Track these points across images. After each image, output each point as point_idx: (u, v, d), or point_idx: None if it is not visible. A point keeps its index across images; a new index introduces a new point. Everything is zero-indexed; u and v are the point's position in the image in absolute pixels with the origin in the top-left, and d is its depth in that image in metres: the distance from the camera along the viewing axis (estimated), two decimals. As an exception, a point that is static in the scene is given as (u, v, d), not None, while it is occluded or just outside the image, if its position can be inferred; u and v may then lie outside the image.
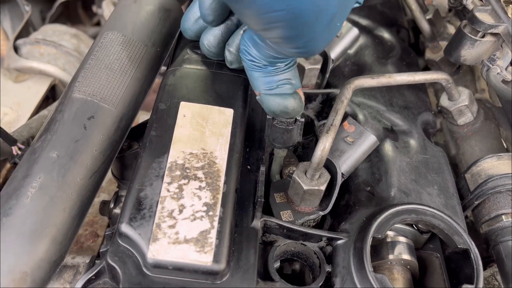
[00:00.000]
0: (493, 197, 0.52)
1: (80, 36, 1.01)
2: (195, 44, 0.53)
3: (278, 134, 0.45)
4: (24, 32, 1.03)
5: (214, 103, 0.48)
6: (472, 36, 0.55)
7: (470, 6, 0.58)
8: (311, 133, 0.62)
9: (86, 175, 0.44)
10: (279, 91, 0.43)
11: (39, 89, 0.91)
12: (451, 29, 0.75)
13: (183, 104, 0.47)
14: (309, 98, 0.63)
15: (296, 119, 0.45)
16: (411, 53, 0.70)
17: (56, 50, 0.95)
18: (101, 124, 0.46)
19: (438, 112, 0.65)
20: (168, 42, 0.55)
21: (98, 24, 1.44)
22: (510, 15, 0.54)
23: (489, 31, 0.55)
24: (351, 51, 0.69)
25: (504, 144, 0.60)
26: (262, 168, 0.48)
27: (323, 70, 0.65)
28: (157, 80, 0.54)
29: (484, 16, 0.55)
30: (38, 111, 0.92)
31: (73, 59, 0.96)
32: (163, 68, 0.56)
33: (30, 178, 0.41)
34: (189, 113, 0.47)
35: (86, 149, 0.44)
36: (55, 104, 0.72)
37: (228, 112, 0.48)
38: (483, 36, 0.56)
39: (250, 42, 0.41)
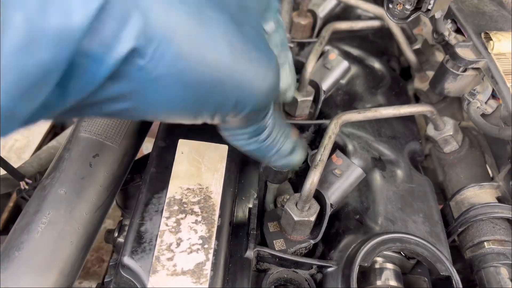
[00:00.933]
0: (476, 224, 0.54)
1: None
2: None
3: (272, 172, 0.48)
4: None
5: (210, 140, 0.52)
6: (454, 71, 0.59)
7: (453, 42, 0.62)
8: (304, 162, 0.65)
9: (91, 210, 0.47)
10: (284, 155, 0.45)
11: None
12: (440, 57, 0.78)
13: (181, 142, 0.51)
14: (302, 128, 0.66)
15: None
16: (400, 82, 0.73)
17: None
18: (105, 161, 0.50)
19: (426, 140, 0.68)
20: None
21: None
22: (490, 51, 0.58)
23: (470, 66, 0.58)
24: (343, 81, 0.73)
25: (489, 170, 0.63)
26: (255, 201, 0.51)
27: (316, 100, 0.69)
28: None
29: (465, 52, 0.59)
30: (47, 137, 0.96)
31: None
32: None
33: (40, 214, 0.45)
34: (186, 150, 0.50)
35: (92, 186, 0.48)
36: (64, 134, 0.76)
37: (223, 148, 0.51)
38: (464, 70, 0.59)
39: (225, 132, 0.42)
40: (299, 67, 0.71)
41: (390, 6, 0.47)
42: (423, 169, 0.71)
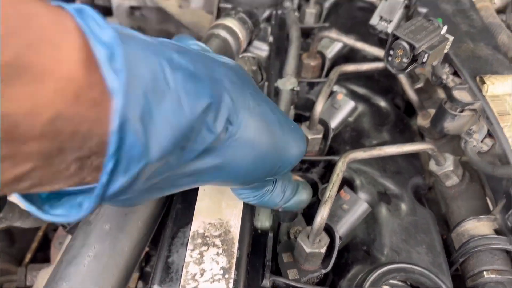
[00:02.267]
0: (475, 255, 0.58)
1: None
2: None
3: (282, 213, 0.53)
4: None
5: (229, 178, 0.57)
6: (452, 112, 0.64)
7: (451, 84, 0.67)
8: (315, 195, 0.70)
9: (132, 245, 0.52)
10: (289, 198, 0.51)
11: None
12: (442, 94, 0.83)
13: (203, 180, 0.57)
14: (313, 164, 0.71)
15: None
16: (404, 119, 0.78)
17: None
18: (145, 199, 0.55)
19: (430, 173, 0.72)
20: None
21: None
22: (484, 93, 0.63)
23: (466, 108, 0.63)
24: (351, 119, 0.78)
25: (489, 203, 0.67)
26: (270, 234, 0.56)
27: (325, 137, 0.74)
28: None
29: (462, 94, 0.64)
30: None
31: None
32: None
33: (86, 248, 0.50)
34: (208, 188, 0.56)
35: (133, 222, 0.53)
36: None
37: (241, 186, 0.57)
38: (462, 111, 0.64)
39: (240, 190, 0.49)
40: (308, 105, 0.77)
41: (390, 58, 0.52)
42: (428, 201, 0.75)
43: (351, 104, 0.73)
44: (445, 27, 0.55)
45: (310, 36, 0.99)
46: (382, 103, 0.80)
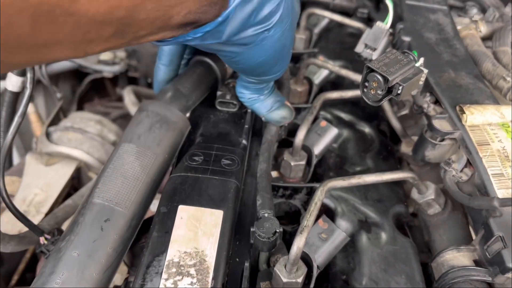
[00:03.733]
0: (455, 286, 0.58)
1: (103, 122, 1.14)
2: (193, 152, 0.63)
3: (260, 243, 0.54)
4: (56, 119, 1.18)
5: (207, 206, 0.57)
6: (432, 141, 0.64)
7: (432, 113, 0.67)
8: (298, 222, 0.70)
9: (100, 271, 0.53)
10: (275, 108, 0.67)
11: (66, 172, 1.04)
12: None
13: (180, 208, 0.57)
14: (296, 190, 0.72)
15: (275, 231, 0.54)
16: (389, 145, 0.79)
17: (82, 135, 1.08)
18: (115, 225, 0.56)
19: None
20: (175, 150, 0.66)
21: (120, 99, 1.58)
22: (464, 123, 0.63)
23: (446, 137, 0.63)
24: (335, 145, 0.79)
25: (472, 231, 0.67)
26: (246, 264, 0.56)
27: (309, 163, 0.75)
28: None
29: (442, 124, 0.65)
30: (64, 191, 1.03)
31: (96, 143, 1.09)
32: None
33: (55, 275, 0.50)
34: (185, 216, 0.56)
35: (102, 248, 0.54)
36: (79, 193, 0.83)
37: (218, 214, 0.57)
38: (442, 140, 0.64)
39: (243, 89, 0.65)
40: (295, 130, 0.78)
41: (365, 90, 0.53)
42: (413, 227, 0.75)
43: (334, 131, 0.73)
44: (422, 59, 0.56)
45: (299, 61, 1.01)
46: (367, 129, 0.81)
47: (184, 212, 0.57)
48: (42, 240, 0.67)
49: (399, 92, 0.52)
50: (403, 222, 0.69)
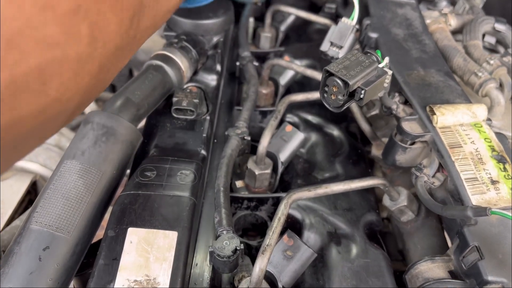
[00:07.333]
0: (431, 300, 0.54)
1: (61, 131, 1.07)
2: (145, 167, 0.58)
3: (220, 264, 0.49)
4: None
5: (160, 227, 0.52)
6: (403, 144, 0.60)
7: (401, 114, 0.64)
8: (264, 235, 0.65)
9: None
10: None
11: (21, 186, 0.96)
12: (399, 120, 0.80)
13: (130, 230, 0.51)
14: (261, 201, 0.67)
15: (236, 249, 0.49)
16: (359, 149, 0.75)
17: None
18: (56, 253, 0.50)
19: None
20: (124, 165, 0.60)
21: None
22: (435, 124, 0.60)
23: (416, 140, 0.59)
24: (303, 150, 0.74)
25: (447, 238, 0.63)
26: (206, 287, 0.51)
27: (275, 170, 0.70)
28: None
29: (412, 126, 0.61)
30: (20, 207, 0.96)
31: (53, 154, 1.02)
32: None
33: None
34: (135, 239, 0.51)
35: (40, 280, 0.48)
36: (26, 214, 0.76)
37: (172, 235, 0.52)
38: (413, 143, 0.61)
39: None
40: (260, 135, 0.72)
41: (325, 95, 0.49)
42: (386, 234, 0.71)
43: (300, 136, 0.69)
44: (386, 59, 0.52)
45: (266, 61, 0.96)
46: (336, 132, 0.76)
47: (134, 236, 0.51)
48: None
49: (361, 96, 0.47)
50: (375, 231, 0.65)
